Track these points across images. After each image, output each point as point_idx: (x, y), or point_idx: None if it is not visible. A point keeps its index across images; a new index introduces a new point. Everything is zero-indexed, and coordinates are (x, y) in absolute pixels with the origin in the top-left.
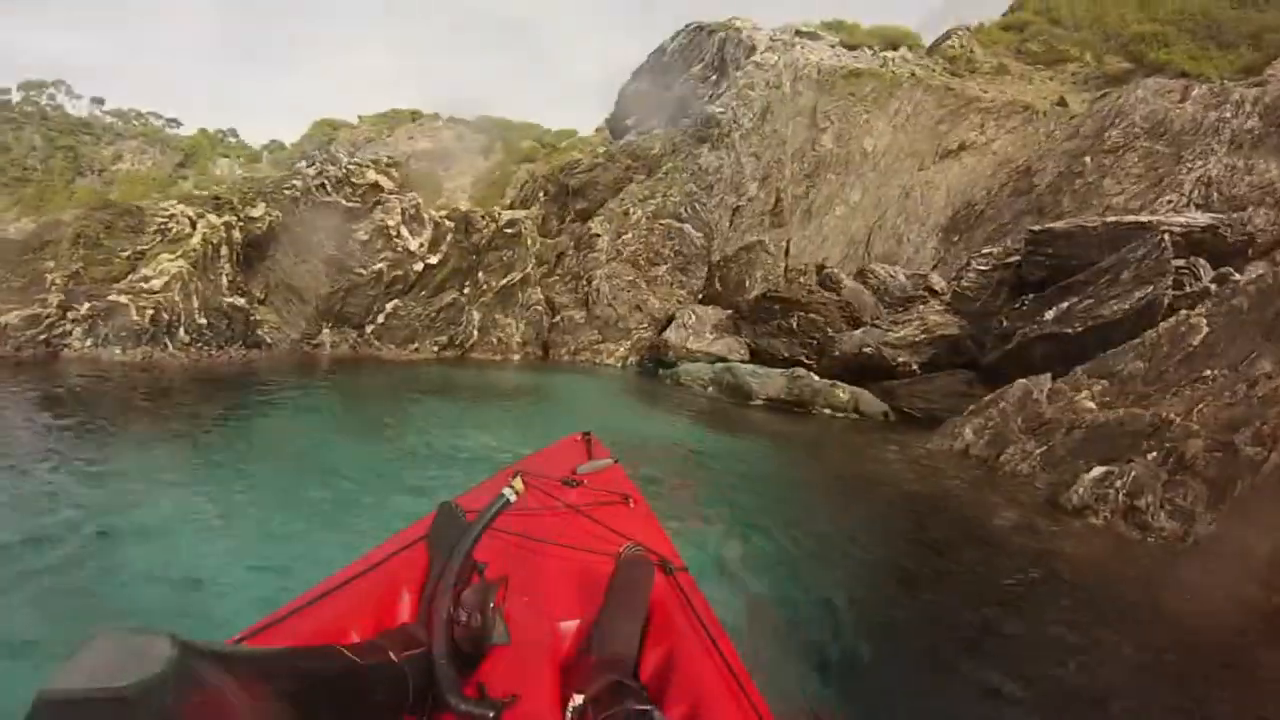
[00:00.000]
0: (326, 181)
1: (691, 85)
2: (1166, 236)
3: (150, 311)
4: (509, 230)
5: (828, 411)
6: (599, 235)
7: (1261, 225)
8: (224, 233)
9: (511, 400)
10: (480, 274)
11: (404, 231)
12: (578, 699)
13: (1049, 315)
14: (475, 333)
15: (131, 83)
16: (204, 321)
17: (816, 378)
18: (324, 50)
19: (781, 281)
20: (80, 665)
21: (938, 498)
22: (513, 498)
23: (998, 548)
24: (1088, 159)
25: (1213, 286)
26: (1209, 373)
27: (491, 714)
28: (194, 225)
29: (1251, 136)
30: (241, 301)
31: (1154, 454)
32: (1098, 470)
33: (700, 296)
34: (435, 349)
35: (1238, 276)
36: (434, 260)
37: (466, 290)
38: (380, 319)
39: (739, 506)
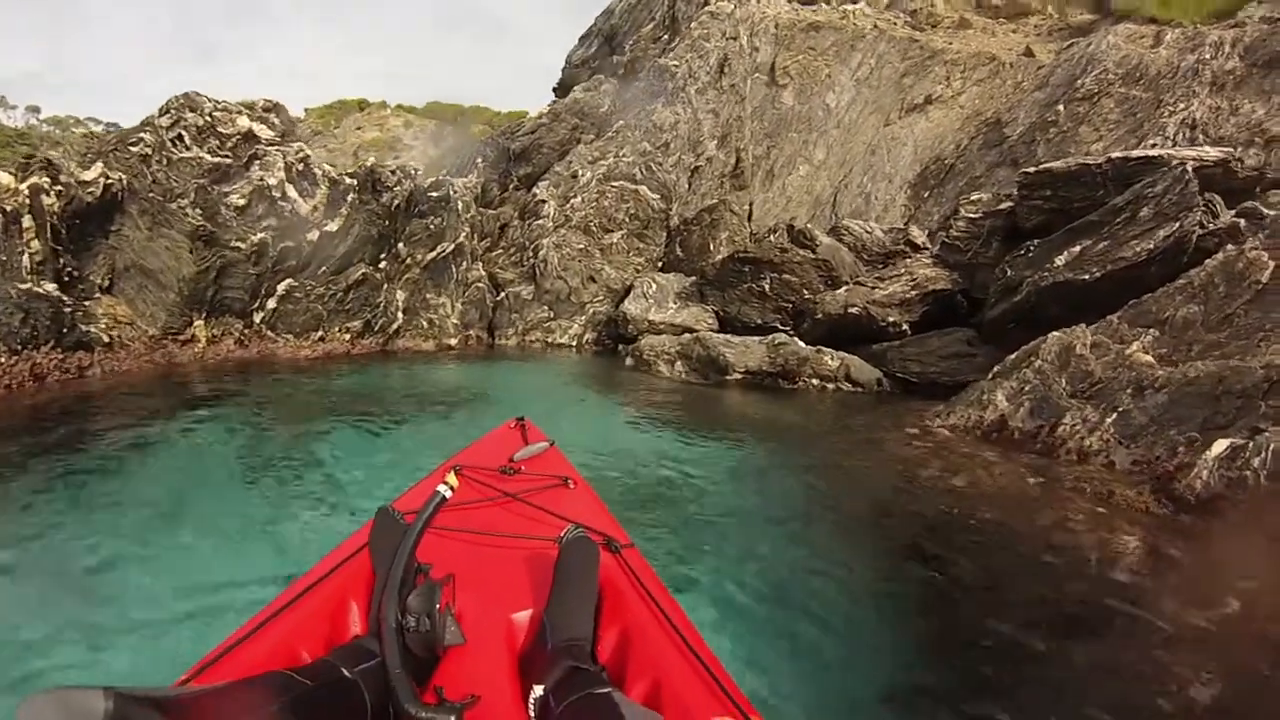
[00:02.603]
0: (185, 132)
1: (642, 46)
2: (1190, 167)
3: None
4: (434, 194)
5: (816, 382)
6: (545, 201)
7: (1253, 165)
8: (26, 200)
9: (435, 413)
10: (401, 245)
11: (291, 192)
12: (538, 690)
13: (1060, 261)
14: (400, 315)
15: (72, 91)
16: None
17: (801, 344)
18: (269, 46)
19: (749, 242)
20: None
21: (1006, 510)
22: (448, 494)
23: (1152, 612)
24: (1061, 107)
25: (1241, 222)
26: None
27: (452, 718)
28: None
29: (1234, 78)
30: (50, 288)
31: None
32: (1221, 445)
33: (660, 264)
34: (348, 336)
35: (1268, 211)
36: (333, 227)
37: (383, 264)
38: (271, 303)
39: (731, 555)
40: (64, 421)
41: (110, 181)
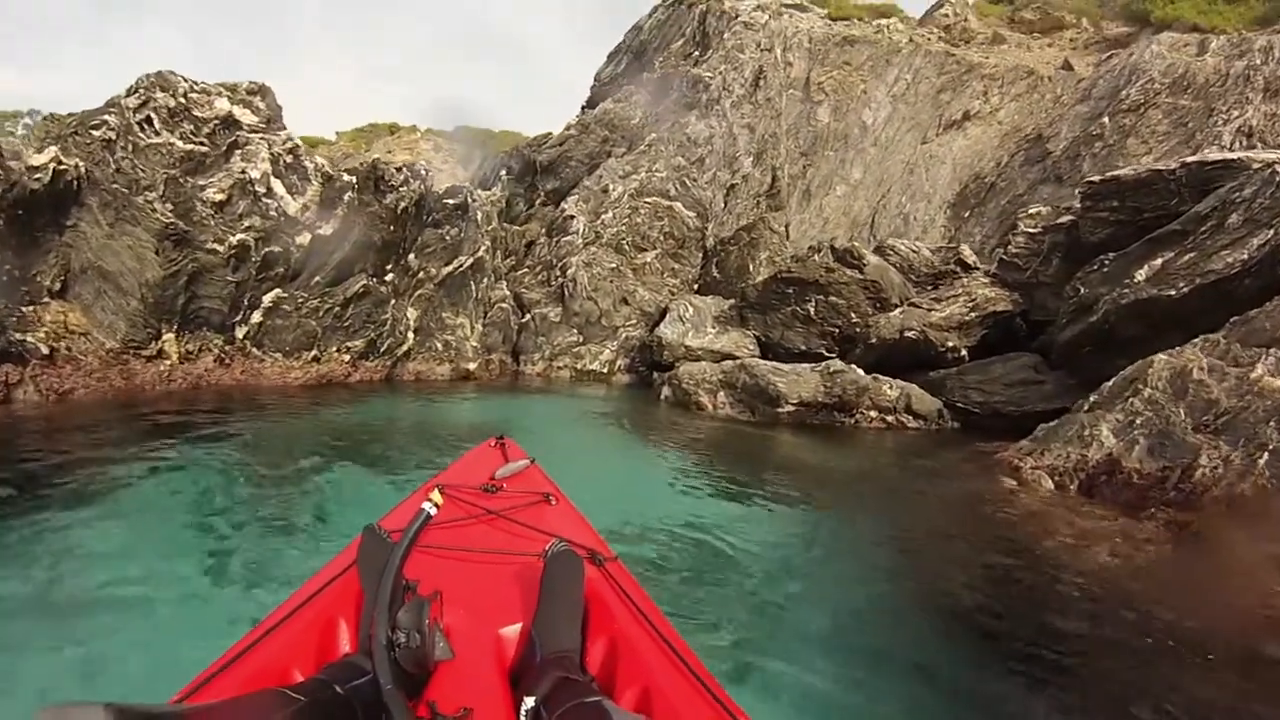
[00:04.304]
0: (154, 115)
1: (673, 63)
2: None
3: None
4: (450, 201)
5: (874, 415)
6: (574, 217)
7: None
8: None
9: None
10: (411, 256)
11: (277, 187)
12: (529, 702)
13: (1140, 276)
14: (410, 335)
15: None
16: None
17: (860, 372)
18: (301, 72)
19: (792, 262)
20: None
21: (1189, 610)
22: (433, 511)
23: None
24: (1106, 120)
25: None
26: None
27: None
28: None
29: None
30: None
31: None
32: None
33: (696, 286)
34: (348, 358)
35: None
36: (327, 230)
37: (390, 277)
38: (256, 316)
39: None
40: None
41: (64, 168)
